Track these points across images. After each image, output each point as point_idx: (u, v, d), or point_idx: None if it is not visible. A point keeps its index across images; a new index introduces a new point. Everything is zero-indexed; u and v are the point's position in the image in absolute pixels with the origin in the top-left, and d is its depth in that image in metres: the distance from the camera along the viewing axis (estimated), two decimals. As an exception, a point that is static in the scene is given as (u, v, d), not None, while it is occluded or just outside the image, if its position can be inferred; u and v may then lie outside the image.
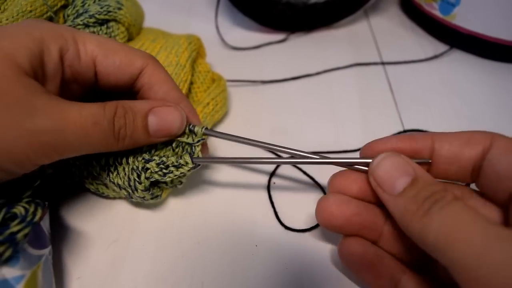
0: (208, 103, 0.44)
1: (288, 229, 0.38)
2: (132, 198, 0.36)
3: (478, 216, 0.24)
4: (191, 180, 0.41)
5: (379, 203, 0.32)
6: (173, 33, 0.48)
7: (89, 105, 0.29)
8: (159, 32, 0.48)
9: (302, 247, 0.37)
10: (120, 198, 0.40)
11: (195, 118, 0.36)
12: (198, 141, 0.34)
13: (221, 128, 0.47)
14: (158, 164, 0.34)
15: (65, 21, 0.42)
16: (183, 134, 0.35)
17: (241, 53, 0.58)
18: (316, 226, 0.38)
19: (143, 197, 0.36)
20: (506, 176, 0.27)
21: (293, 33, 0.62)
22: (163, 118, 0.33)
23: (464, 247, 0.23)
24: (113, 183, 0.35)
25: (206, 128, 0.35)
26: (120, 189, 0.36)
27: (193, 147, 0.34)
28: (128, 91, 0.35)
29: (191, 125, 0.35)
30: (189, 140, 0.35)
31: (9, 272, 0.26)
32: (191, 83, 0.45)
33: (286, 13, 0.60)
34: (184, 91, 0.42)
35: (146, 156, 0.34)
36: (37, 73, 0.28)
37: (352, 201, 0.32)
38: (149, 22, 0.51)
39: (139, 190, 0.35)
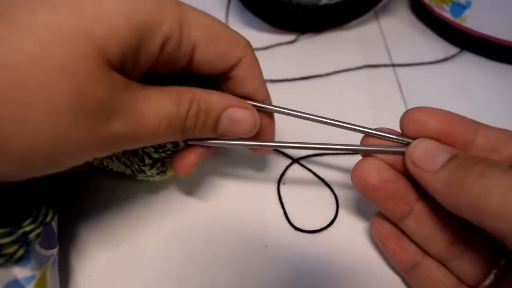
0: None
1: (298, 230, 0.38)
2: (137, 176, 0.37)
3: None
4: (200, 179, 0.42)
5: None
6: None
7: (165, 100, 0.26)
8: None
9: (312, 249, 0.37)
10: (129, 194, 0.40)
11: (272, 121, 0.36)
12: None
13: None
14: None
15: None
16: None
17: (251, 54, 0.58)
18: (326, 227, 0.38)
19: (150, 175, 0.36)
20: None
21: (303, 34, 0.62)
22: (236, 121, 0.31)
23: None
24: (119, 160, 0.36)
25: None
26: (126, 167, 0.36)
27: None
28: (214, 77, 0.32)
29: None
30: None
31: (20, 273, 0.26)
32: None
33: (296, 14, 0.60)
34: None
35: None
36: (126, 64, 0.24)
37: (390, 168, 0.31)
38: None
39: (146, 171, 0.35)
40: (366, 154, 0.32)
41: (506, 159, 0.28)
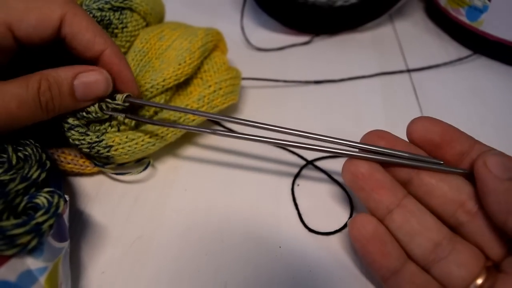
0: (209, 86, 0.43)
1: (312, 231, 0.37)
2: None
3: None
4: (214, 181, 0.42)
5: None
6: (196, 26, 0.49)
7: (9, 85, 0.30)
8: (182, 24, 0.49)
9: (326, 250, 0.36)
10: (142, 192, 0.40)
11: (123, 66, 0.37)
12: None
13: (241, 127, 0.47)
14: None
15: (81, 4, 0.43)
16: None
17: (265, 54, 0.58)
18: (341, 229, 0.37)
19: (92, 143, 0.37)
20: None
21: (318, 36, 0.62)
22: (87, 83, 0.34)
23: None
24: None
25: (129, 96, 0.37)
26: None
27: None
28: (55, 43, 0.35)
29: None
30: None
31: (33, 264, 0.26)
32: (205, 71, 0.45)
33: (311, 15, 0.60)
34: (185, 72, 0.42)
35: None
36: None
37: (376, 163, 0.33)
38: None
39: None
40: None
41: None
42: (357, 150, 0.34)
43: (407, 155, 0.32)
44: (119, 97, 0.36)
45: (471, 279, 0.29)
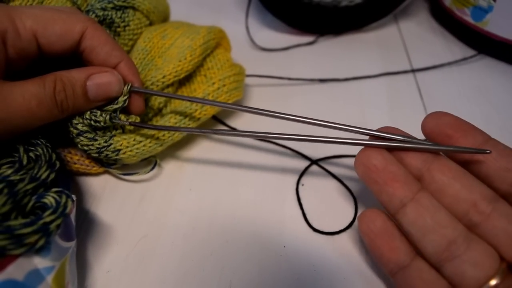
0: (213, 83, 0.43)
1: (317, 231, 0.37)
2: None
3: None
4: (219, 181, 0.42)
5: None
6: (199, 25, 0.49)
7: (29, 84, 0.31)
8: (185, 23, 0.49)
9: (330, 250, 0.36)
10: (148, 192, 0.40)
11: (136, 78, 0.38)
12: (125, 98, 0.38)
13: (244, 124, 0.47)
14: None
15: (86, 5, 0.44)
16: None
17: (270, 54, 0.58)
18: (345, 229, 0.38)
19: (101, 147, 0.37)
20: None
21: (322, 36, 0.61)
22: (100, 84, 0.35)
23: None
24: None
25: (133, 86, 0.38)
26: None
27: (117, 102, 0.38)
28: (73, 55, 0.36)
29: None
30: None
31: (41, 263, 0.26)
32: (208, 68, 0.45)
33: (316, 15, 0.60)
34: (185, 68, 0.43)
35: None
36: None
37: (391, 155, 0.33)
38: (178, 21, 0.51)
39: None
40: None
41: None
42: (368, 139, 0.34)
43: (423, 143, 0.32)
44: (125, 90, 0.37)
45: (485, 279, 0.28)
